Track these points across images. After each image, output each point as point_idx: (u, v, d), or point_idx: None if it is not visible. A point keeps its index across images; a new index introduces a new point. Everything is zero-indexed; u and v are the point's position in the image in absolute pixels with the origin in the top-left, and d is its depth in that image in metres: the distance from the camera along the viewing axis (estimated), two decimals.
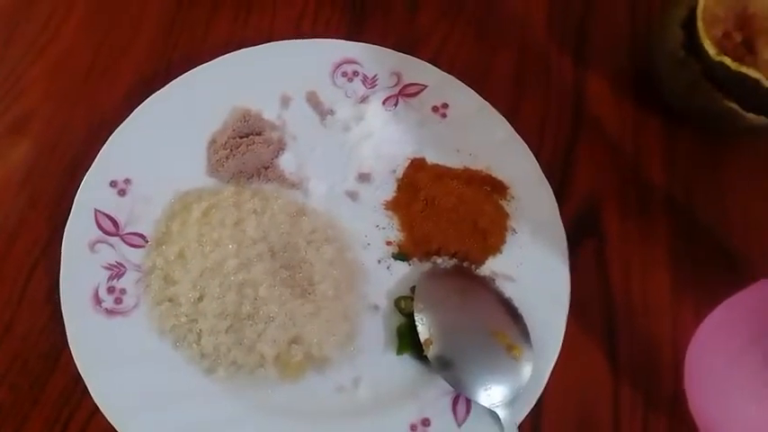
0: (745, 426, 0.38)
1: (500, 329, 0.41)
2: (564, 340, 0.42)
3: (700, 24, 0.44)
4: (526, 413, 0.40)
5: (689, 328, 0.41)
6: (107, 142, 0.44)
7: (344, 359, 0.41)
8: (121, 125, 0.45)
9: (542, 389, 0.40)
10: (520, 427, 0.39)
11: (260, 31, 0.51)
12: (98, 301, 0.40)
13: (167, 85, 0.46)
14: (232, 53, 0.48)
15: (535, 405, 0.40)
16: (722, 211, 0.48)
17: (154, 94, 0.46)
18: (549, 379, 0.41)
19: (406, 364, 0.41)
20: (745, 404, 0.39)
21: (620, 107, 0.51)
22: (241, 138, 0.46)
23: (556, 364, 0.41)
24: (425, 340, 0.40)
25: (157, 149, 0.45)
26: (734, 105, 0.45)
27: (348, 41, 0.50)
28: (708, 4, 0.44)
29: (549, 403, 0.41)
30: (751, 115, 0.45)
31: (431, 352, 0.40)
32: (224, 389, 0.39)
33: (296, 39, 0.50)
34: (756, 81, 0.42)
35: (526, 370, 0.40)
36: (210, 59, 0.48)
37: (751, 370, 0.39)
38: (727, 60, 0.43)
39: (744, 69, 0.42)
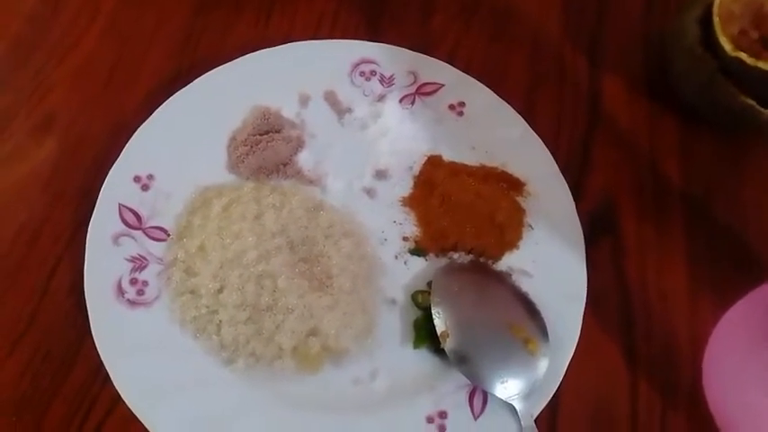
0: (762, 421, 0.38)
1: (517, 323, 0.41)
2: (581, 335, 0.42)
3: (716, 20, 0.44)
4: (543, 406, 0.40)
5: (706, 325, 0.41)
6: (131, 139, 0.45)
7: (362, 352, 0.41)
8: (145, 123, 0.46)
9: (559, 382, 0.40)
10: (536, 420, 0.39)
11: (280, 34, 0.52)
12: (121, 292, 0.41)
13: (189, 84, 0.47)
14: (252, 53, 0.49)
15: (552, 399, 0.40)
16: (739, 208, 0.48)
17: (176, 93, 0.47)
18: (566, 373, 0.41)
19: (423, 357, 0.42)
20: (762, 399, 0.39)
21: (635, 105, 0.51)
22: (261, 135, 0.47)
23: (573, 358, 0.41)
24: (442, 333, 0.40)
25: (180, 146, 0.46)
26: (751, 101, 0.45)
27: (366, 42, 0.51)
28: (724, 1, 0.45)
29: (565, 397, 0.41)
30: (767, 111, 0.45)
31: (447, 345, 0.40)
32: (242, 379, 0.40)
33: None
34: None
35: (543, 364, 0.40)
36: (231, 60, 0.49)
37: (766, 366, 0.39)
38: (744, 56, 0.43)
39: (760, 64, 0.42)
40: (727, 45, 0.43)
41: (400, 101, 0.49)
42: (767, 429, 0.39)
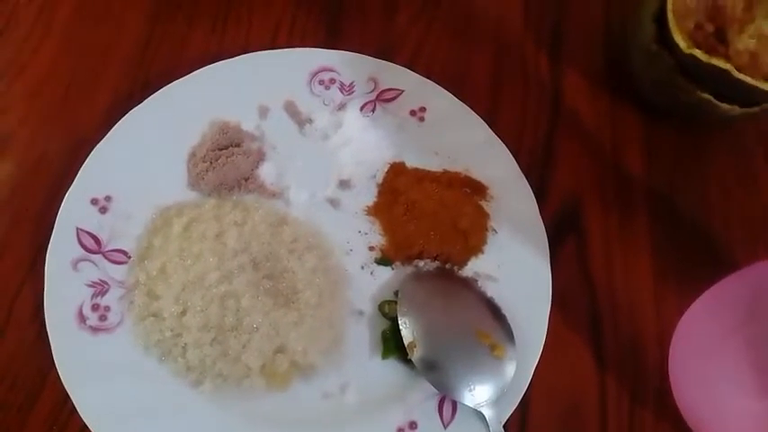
0: (727, 411, 0.39)
1: (483, 330, 0.41)
2: (548, 337, 0.42)
3: (670, 17, 0.44)
4: (511, 411, 0.40)
5: (673, 319, 0.41)
6: (86, 161, 0.44)
7: (330, 366, 0.41)
8: (101, 143, 0.45)
9: (527, 386, 0.41)
10: (508, 424, 0.40)
11: (237, 43, 0.52)
12: (82, 318, 0.41)
13: (145, 101, 0.47)
14: (208, 66, 0.48)
15: (522, 402, 0.40)
16: (702, 201, 0.49)
17: (132, 111, 0.46)
18: (535, 376, 0.41)
19: (392, 368, 0.42)
20: (726, 390, 0.40)
21: (597, 103, 0.51)
22: (220, 150, 0.46)
23: (540, 361, 0.41)
24: (409, 343, 0.40)
25: (137, 165, 0.45)
26: (708, 96, 0.45)
27: (324, 50, 0.50)
28: None
29: (535, 400, 0.42)
30: (725, 105, 0.45)
31: (415, 355, 0.40)
32: (211, 401, 0.40)
33: (272, 49, 0.50)
34: (726, 72, 0.42)
35: (510, 369, 0.40)
36: (188, 73, 0.48)
37: (732, 357, 0.40)
38: (698, 53, 0.43)
39: (714, 61, 0.43)
40: (681, 42, 0.43)
41: (361, 108, 0.49)
42: (732, 422, 0.39)
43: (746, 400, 0.39)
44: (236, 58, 0.49)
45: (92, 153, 0.45)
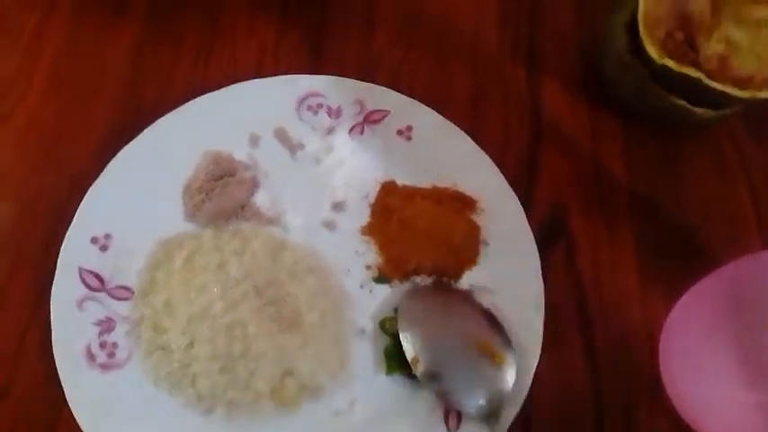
0: (718, 402, 0.41)
1: (482, 339, 0.43)
2: (543, 342, 0.43)
3: (642, 29, 0.46)
4: (514, 416, 0.41)
5: (660, 317, 0.43)
6: (83, 200, 0.45)
7: (338, 385, 0.42)
8: (96, 181, 0.46)
9: (527, 391, 0.42)
10: (512, 429, 0.41)
11: (223, 73, 0.52)
12: (91, 357, 0.41)
13: (137, 137, 0.47)
14: (197, 99, 0.49)
15: (524, 407, 0.42)
16: (682, 203, 0.50)
17: (124, 147, 0.47)
18: (534, 381, 0.42)
19: (397, 382, 0.43)
20: (716, 382, 0.41)
21: (576, 111, 0.53)
22: (215, 180, 0.47)
23: (538, 365, 0.43)
24: (412, 359, 0.42)
25: (134, 201, 0.46)
26: (683, 102, 0.47)
27: (309, 75, 0.51)
28: (649, 7, 0.46)
29: (536, 404, 0.43)
30: (700, 110, 0.47)
31: (418, 370, 0.42)
32: (223, 427, 0.41)
33: (258, 77, 0.51)
34: (698, 80, 0.44)
35: (510, 376, 0.42)
36: (176, 106, 0.49)
37: (720, 350, 0.42)
38: (671, 63, 0.45)
39: (685, 70, 0.44)
40: (654, 54, 0.45)
41: (350, 131, 0.50)
42: (724, 414, 0.41)
43: (736, 391, 0.41)
44: (224, 89, 0.50)
45: (88, 192, 0.45)
